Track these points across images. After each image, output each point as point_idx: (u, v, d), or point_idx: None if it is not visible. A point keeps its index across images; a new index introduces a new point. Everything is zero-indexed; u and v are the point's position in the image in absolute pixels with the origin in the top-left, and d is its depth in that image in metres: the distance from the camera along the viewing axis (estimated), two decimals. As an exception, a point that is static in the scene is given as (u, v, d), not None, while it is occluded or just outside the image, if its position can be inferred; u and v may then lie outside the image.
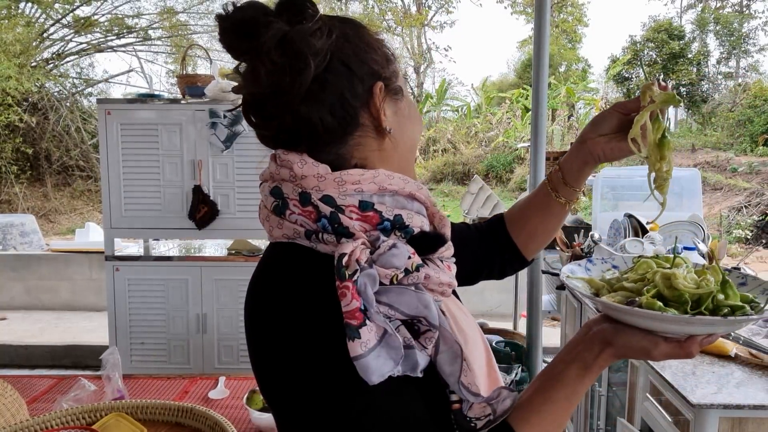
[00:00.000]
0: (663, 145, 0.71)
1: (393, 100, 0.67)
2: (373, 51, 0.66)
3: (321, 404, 0.58)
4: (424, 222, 0.66)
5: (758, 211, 9.87)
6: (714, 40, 18.30)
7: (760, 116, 13.34)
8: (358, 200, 0.62)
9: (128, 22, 11.91)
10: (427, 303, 0.59)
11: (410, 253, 0.61)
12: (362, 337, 0.55)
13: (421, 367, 0.58)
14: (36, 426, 1.19)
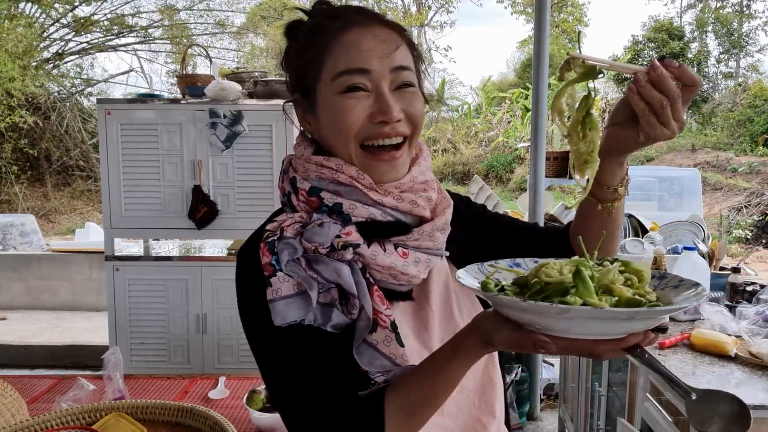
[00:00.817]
0: (586, 124, 0.67)
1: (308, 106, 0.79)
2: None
3: (252, 339, 0.77)
4: (373, 212, 0.73)
5: (758, 211, 9.86)
6: (714, 40, 18.29)
7: (760, 116, 13.34)
8: (309, 186, 0.75)
9: (128, 22, 11.90)
10: (340, 272, 0.70)
11: (342, 233, 0.71)
12: (273, 285, 0.71)
13: (333, 323, 0.70)
14: (36, 426, 1.19)
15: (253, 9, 14.36)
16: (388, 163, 0.74)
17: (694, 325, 1.90)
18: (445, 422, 0.78)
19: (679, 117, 0.65)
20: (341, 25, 0.73)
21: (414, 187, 0.77)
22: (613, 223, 0.80)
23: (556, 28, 17.45)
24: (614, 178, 0.75)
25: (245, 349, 3.11)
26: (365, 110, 0.72)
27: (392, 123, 0.72)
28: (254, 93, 3.07)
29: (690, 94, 0.66)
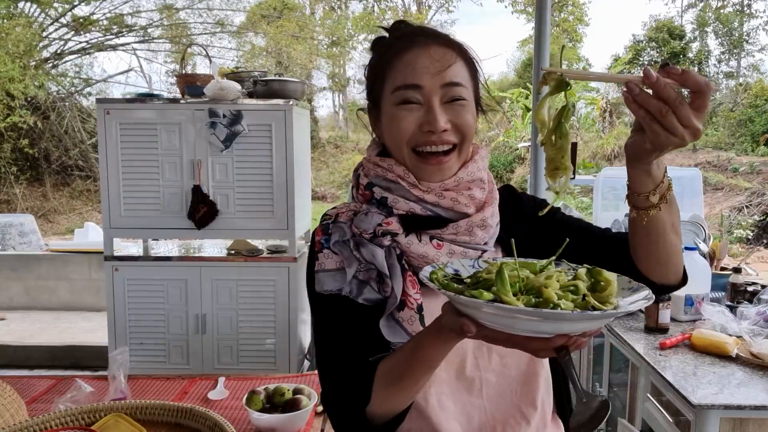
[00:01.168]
0: (558, 132, 0.68)
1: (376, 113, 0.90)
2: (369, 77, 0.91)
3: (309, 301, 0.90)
4: (413, 207, 0.84)
5: (759, 211, 9.86)
6: (714, 40, 18.28)
7: (761, 116, 13.33)
8: (366, 182, 0.89)
9: (127, 21, 11.89)
10: (375, 254, 0.81)
11: (383, 222, 0.83)
12: (319, 259, 0.86)
13: (365, 297, 0.82)
14: (35, 426, 1.18)
15: (253, 8, 14.35)
16: (435, 167, 0.83)
17: (695, 326, 1.90)
18: (485, 405, 0.84)
19: (689, 123, 0.63)
20: (404, 45, 0.83)
21: (459, 186, 0.85)
22: (656, 232, 0.77)
23: (556, 28, 17.44)
24: (642, 185, 0.73)
25: (244, 350, 3.11)
26: (416, 121, 0.82)
27: (438, 133, 0.81)
28: (254, 92, 3.07)
29: (701, 99, 0.64)
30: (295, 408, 1.40)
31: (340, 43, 17.55)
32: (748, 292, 2.14)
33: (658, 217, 0.75)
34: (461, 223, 0.83)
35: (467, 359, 0.84)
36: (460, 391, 0.84)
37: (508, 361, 0.85)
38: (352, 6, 18.07)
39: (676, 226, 0.79)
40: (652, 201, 0.73)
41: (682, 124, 0.63)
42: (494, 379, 0.84)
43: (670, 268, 0.82)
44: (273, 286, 3.06)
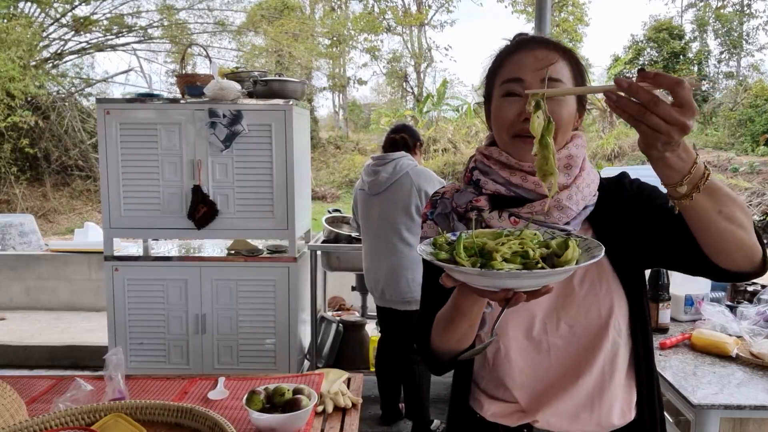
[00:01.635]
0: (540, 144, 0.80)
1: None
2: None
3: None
4: (498, 188, 0.97)
5: (759, 211, 9.86)
6: (714, 40, 18.27)
7: (761, 116, 13.33)
8: (472, 166, 1.02)
9: (127, 21, 11.90)
10: (456, 227, 0.98)
11: (474, 200, 0.98)
12: (423, 228, 1.05)
13: None
14: (35, 426, 1.18)
15: (253, 8, 14.35)
16: (527, 147, 0.90)
17: (695, 326, 1.90)
18: (551, 363, 0.97)
19: (672, 119, 0.67)
20: (515, 47, 0.97)
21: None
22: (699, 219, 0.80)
23: (556, 28, 17.44)
24: (665, 177, 0.76)
25: (244, 350, 3.11)
26: (516, 110, 0.93)
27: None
28: (254, 93, 3.07)
29: (679, 95, 0.67)
30: (295, 408, 1.40)
31: (340, 43, 17.55)
32: (748, 292, 2.14)
33: (695, 206, 0.77)
34: (536, 203, 0.93)
35: (535, 323, 0.97)
36: (528, 350, 0.97)
37: (577, 329, 0.96)
38: (352, 6, 18.06)
39: (729, 212, 0.79)
40: (680, 191, 0.76)
41: (666, 121, 0.68)
42: (561, 343, 0.96)
43: (734, 255, 0.83)
44: (273, 286, 3.06)
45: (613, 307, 0.95)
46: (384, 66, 19.81)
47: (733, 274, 0.86)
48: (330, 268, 3.47)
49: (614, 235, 0.97)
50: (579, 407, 0.95)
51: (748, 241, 0.83)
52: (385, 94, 22.20)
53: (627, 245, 0.97)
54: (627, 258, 0.97)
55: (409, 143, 2.85)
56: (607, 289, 0.96)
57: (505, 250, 0.76)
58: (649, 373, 0.99)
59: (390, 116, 15.98)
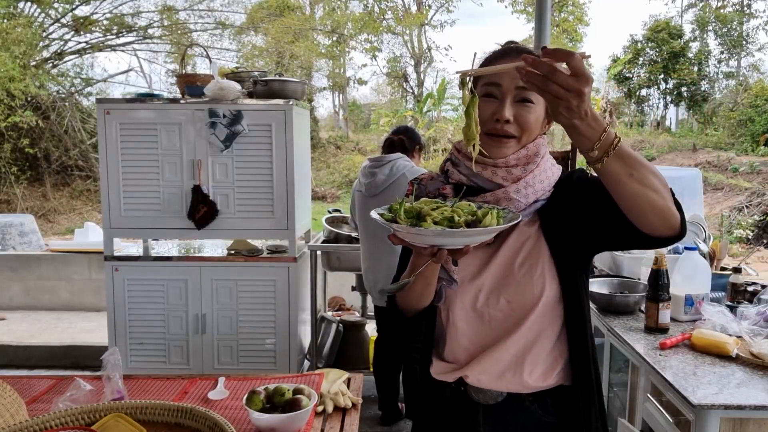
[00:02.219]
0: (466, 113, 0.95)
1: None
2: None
3: None
4: (461, 178, 1.12)
5: (759, 211, 9.86)
6: (714, 40, 18.27)
7: (761, 116, 13.33)
8: (446, 158, 1.18)
9: (128, 21, 11.89)
10: None
11: (441, 187, 1.13)
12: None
13: None
14: (35, 426, 1.18)
15: (254, 7, 14.34)
16: (497, 145, 1.07)
17: (695, 326, 1.89)
18: (491, 332, 1.12)
19: (569, 85, 0.78)
20: (499, 55, 1.11)
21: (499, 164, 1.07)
22: (613, 182, 0.90)
23: (556, 28, 17.44)
24: (579, 143, 0.86)
25: (244, 350, 3.11)
26: (492, 110, 1.06)
27: (502, 122, 1.04)
28: (254, 93, 3.06)
29: (571, 64, 0.79)
30: (295, 408, 1.40)
31: (340, 43, 17.54)
32: (748, 292, 2.14)
33: (608, 169, 0.87)
34: (487, 194, 1.07)
35: (479, 297, 1.12)
36: (473, 320, 1.13)
37: (513, 305, 1.10)
38: (352, 6, 18.06)
39: (640, 176, 0.89)
40: (593, 156, 0.86)
41: (564, 88, 0.79)
42: (500, 316, 1.11)
43: (650, 217, 0.92)
44: (273, 286, 3.06)
45: (545, 288, 1.09)
46: (384, 66, 19.81)
47: (654, 238, 0.96)
48: (330, 268, 3.47)
49: (559, 227, 1.10)
50: (503, 368, 1.10)
51: (663, 204, 0.92)
52: (385, 94, 22.20)
53: (570, 236, 1.10)
54: (567, 247, 1.10)
55: (407, 145, 2.85)
56: (541, 273, 1.09)
57: (436, 214, 0.93)
58: (582, 348, 1.11)
59: (390, 116, 15.98)
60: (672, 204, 0.94)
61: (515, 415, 1.11)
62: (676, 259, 2.08)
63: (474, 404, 1.12)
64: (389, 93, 21.39)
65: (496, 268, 1.12)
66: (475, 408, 1.12)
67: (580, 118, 0.82)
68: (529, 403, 1.11)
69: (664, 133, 16.12)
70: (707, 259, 2.30)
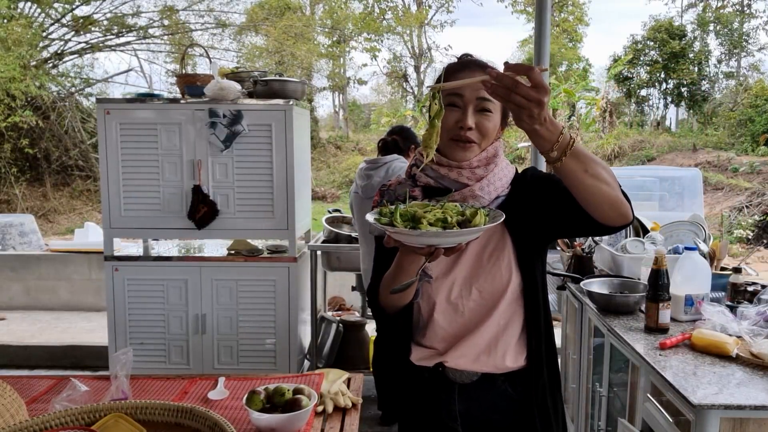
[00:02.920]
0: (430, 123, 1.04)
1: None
2: None
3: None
4: (428, 180, 1.22)
5: (759, 211, 9.86)
6: (715, 40, 18.27)
7: (761, 116, 13.33)
8: (411, 163, 1.25)
9: (128, 21, 11.89)
10: None
11: (410, 190, 1.21)
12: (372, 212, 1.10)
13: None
14: (35, 426, 1.18)
15: (254, 7, 14.35)
16: (461, 150, 1.18)
17: (695, 326, 1.89)
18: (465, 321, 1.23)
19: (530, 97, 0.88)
20: (459, 68, 1.20)
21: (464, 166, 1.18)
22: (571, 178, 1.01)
23: (556, 28, 17.44)
24: (539, 146, 0.97)
25: (244, 350, 3.11)
26: (455, 118, 1.16)
27: (465, 129, 1.15)
28: (254, 92, 3.06)
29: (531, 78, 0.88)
30: (295, 408, 1.40)
31: (341, 43, 17.54)
32: (748, 292, 2.14)
33: (566, 167, 0.98)
34: (455, 193, 1.18)
35: (453, 290, 1.23)
36: (448, 311, 1.23)
37: (485, 294, 1.22)
38: (352, 6, 18.06)
39: (594, 172, 1.01)
40: (552, 156, 0.97)
41: (526, 99, 0.88)
42: (472, 305, 1.22)
43: (604, 207, 1.04)
44: (273, 286, 3.06)
45: (512, 277, 1.21)
46: (384, 66, 19.81)
47: (608, 227, 1.09)
48: (330, 268, 3.47)
49: (518, 219, 1.20)
50: (479, 352, 1.22)
51: (614, 195, 1.04)
52: (385, 94, 22.20)
53: (529, 227, 1.21)
54: (526, 237, 1.22)
55: (401, 146, 2.85)
56: (507, 263, 1.21)
57: (430, 216, 0.99)
58: (537, 331, 1.24)
59: (390, 116, 15.98)
60: (621, 195, 1.06)
61: (487, 393, 1.24)
62: (676, 259, 2.08)
63: (450, 383, 1.24)
64: (389, 93, 21.39)
65: (466, 261, 1.23)
66: (451, 387, 1.24)
67: (540, 123, 0.92)
68: (501, 382, 1.23)
69: (664, 133, 16.12)
70: (707, 259, 2.30)
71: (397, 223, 0.98)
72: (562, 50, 17.88)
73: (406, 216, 1.00)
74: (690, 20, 18.52)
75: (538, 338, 1.25)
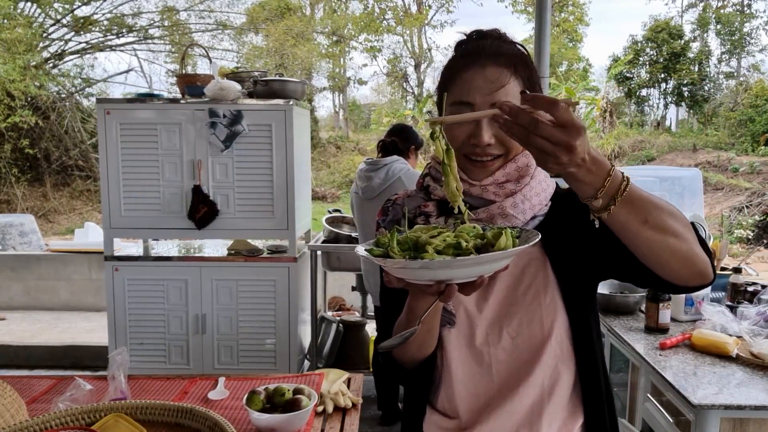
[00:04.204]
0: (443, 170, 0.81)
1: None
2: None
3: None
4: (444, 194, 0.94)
5: (759, 211, 9.86)
6: (715, 40, 18.28)
7: (761, 116, 13.33)
8: (425, 172, 1.02)
9: (128, 22, 11.89)
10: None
11: (422, 204, 0.97)
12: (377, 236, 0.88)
13: None
14: (35, 426, 1.18)
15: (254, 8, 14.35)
16: (480, 168, 0.92)
17: (695, 326, 1.89)
18: (494, 380, 0.93)
19: (556, 139, 0.66)
20: (465, 63, 0.92)
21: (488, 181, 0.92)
22: (624, 231, 0.77)
23: (556, 28, 17.44)
24: (581, 191, 0.74)
25: (244, 350, 3.11)
26: (466, 132, 0.90)
27: (482, 146, 0.89)
28: (254, 93, 3.06)
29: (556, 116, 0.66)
30: (295, 408, 1.40)
31: (341, 43, 17.54)
32: (748, 292, 2.14)
33: (616, 218, 0.75)
34: (480, 210, 0.92)
35: (477, 332, 0.93)
36: (470, 361, 0.94)
37: (519, 342, 0.92)
38: (352, 6, 18.06)
39: (657, 222, 0.76)
40: (597, 205, 0.73)
41: (550, 141, 0.67)
42: (503, 356, 0.92)
43: (673, 265, 0.79)
44: (273, 286, 3.06)
45: (557, 319, 0.92)
46: (384, 66, 19.81)
47: (680, 287, 0.83)
48: (330, 268, 3.47)
49: (563, 246, 0.94)
50: (517, 425, 0.91)
51: (687, 250, 0.78)
52: (385, 94, 22.20)
53: (575, 258, 0.93)
54: (574, 271, 0.94)
55: (400, 146, 2.84)
56: (551, 300, 0.92)
57: (437, 242, 0.73)
58: (598, 396, 0.93)
59: (390, 116, 15.98)
60: (698, 247, 0.80)
61: None
62: (676, 259, 2.08)
63: None
64: (389, 93, 21.39)
65: (495, 297, 0.94)
66: None
67: (576, 166, 0.69)
68: None
69: (664, 133, 16.12)
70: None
71: (394, 253, 0.72)
72: (562, 50, 17.88)
73: (406, 244, 0.74)
74: (690, 20, 18.53)
75: (598, 403, 0.93)
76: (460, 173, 0.91)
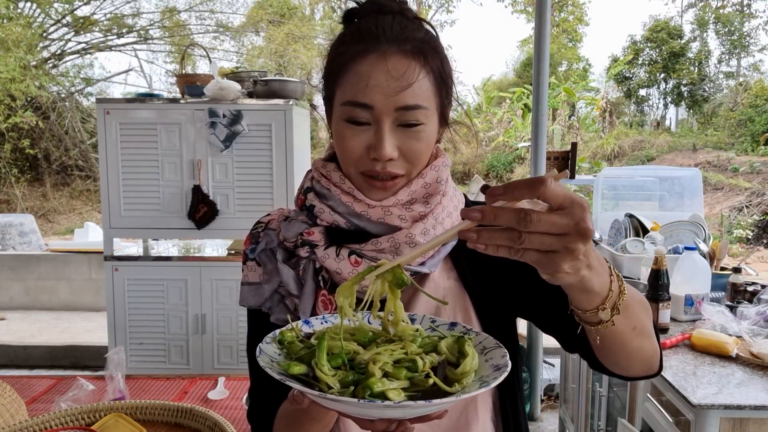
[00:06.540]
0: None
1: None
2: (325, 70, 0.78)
3: None
4: (336, 219, 0.76)
5: (759, 211, 9.86)
6: (715, 40, 18.28)
7: (761, 116, 13.33)
8: (306, 186, 0.81)
9: (128, 22, 11.90)
10: (281, 270, 0.78)
11: (305, 232, 0.77)
12: (243, 271, 0.81)
13: (276, 316, 0.78)
14: (35, 426, 1.18)
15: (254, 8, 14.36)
16: (380, 189, 0.75)
17: (695, 326, 1.89)
18: None
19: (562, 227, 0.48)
20: (361, 49, 0.71)
21: (391, 202, 0.75)
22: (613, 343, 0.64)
23: (556, 28, 17.45)
24: (583, 302, 0.58)
25: (244, 350, 3.10)
26: (363, 142, 0.72)
27: (383, 161, 0.72)
28: (254, 92, 3.07)
29: (548, 196, 0.48)
30: (295, 408, 1.39)
31: (340, 43, 17.49)
32: (748, 292, 2.14)
33: (613, 330, 0.60)
34: (382, 239, 0.74)
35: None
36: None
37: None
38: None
39: (641, 325, 0.65)
40: (602, 317, 0.58)
41: (553, 233, 0.49)
42: (427, 429, 0.72)
43: (634, 366, 0.70)
44: (273, 286, 3.06)
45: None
46: (384, 66, 19.76)
47: (624, 377, 0.74)
48: (330, 268, 3.47)
49: (482, 275, 0.79)
50: None
51: (651, 349, 0.69)
52: (385, 94, 22.16)
53: (496, 290, 0.79)
54: (496, 304, 0.79)
55: None
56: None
57: (385, 359, 0.55)
58: (516, 424, 0.81)
59: (390, 116, 15.94)
60: (656, 342, 0.71)
61: None
62: (676, 259, 2.08)
63: None
64: (389, 93, 21.37)
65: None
66: None
67: (588, 266, 0.52)
68: None
69: (664, 133, 16.13)
70: (707, 259, 2.30)
71: (324, 375, 0.54)
72: (562, 50, 17.88)
73: (339, 358, 0.55)
74: (690, 20, 18.54)
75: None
76: (356, 192, 0.75)
